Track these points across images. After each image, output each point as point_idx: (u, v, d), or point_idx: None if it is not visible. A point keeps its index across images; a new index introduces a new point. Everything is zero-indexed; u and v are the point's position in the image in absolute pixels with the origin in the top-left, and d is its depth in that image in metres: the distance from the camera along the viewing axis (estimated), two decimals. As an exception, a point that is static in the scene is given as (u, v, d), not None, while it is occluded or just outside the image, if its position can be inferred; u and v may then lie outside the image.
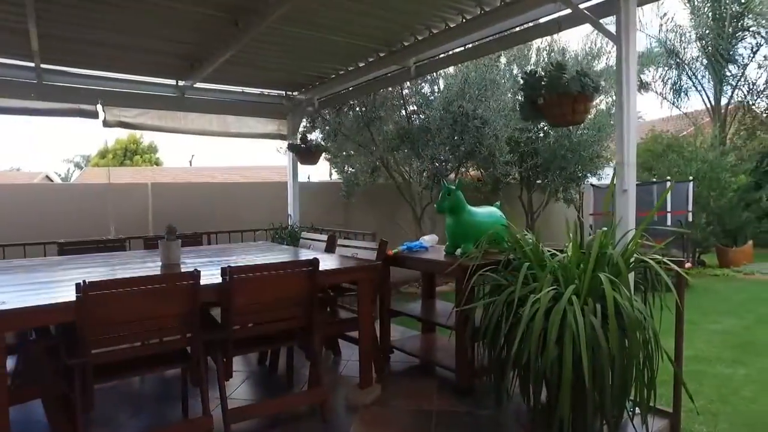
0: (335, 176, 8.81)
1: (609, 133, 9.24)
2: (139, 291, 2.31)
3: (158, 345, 2.45)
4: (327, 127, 7.34)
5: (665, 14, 13.13)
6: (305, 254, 3.75)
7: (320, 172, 11.45)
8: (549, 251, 3.01)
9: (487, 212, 3.43)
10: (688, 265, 7.84)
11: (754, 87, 12.59)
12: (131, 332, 2.32)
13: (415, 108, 6.39)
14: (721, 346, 4.77)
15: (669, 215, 7.45)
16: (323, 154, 7.30)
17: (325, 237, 4.33)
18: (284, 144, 6.58)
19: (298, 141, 6.11)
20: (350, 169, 7.40)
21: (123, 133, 32.88)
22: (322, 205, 7.58)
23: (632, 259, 2.72)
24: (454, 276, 3.08)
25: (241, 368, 3.83)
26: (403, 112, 7.18)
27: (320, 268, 2.78)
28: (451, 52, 4.34)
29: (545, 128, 7.78)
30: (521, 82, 3.11)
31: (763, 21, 12.13)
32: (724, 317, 5.85)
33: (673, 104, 13.77)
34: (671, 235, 7.84)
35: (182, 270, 3.04)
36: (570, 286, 2.56)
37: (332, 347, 4.07)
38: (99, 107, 5.15)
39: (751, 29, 12.34)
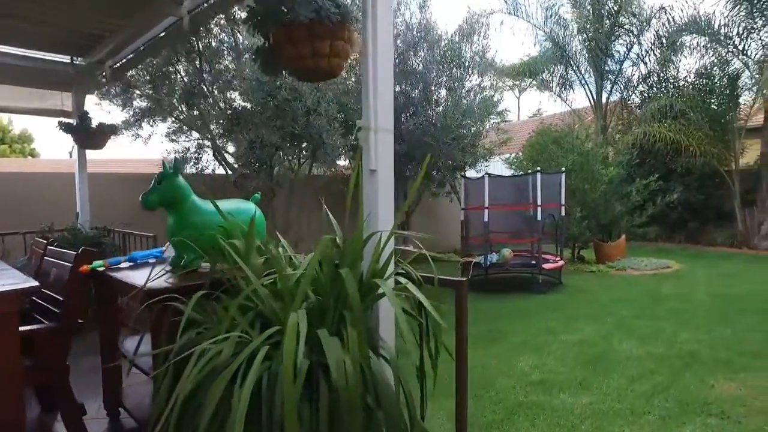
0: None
1: (485, 118, 8.69)
2: None
3: None
4: (144, 104, 5.97)
5: (552, 6, 13.04)
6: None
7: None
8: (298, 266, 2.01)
9: (230, 207, 2.34)
10: (561, 262, 7.38)
11: (629, 83, 12.78)
12: None
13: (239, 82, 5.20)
14: (574, 363, 4.10)
15: (540, 209, 6.90)
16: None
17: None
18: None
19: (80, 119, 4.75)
20: (171, 156, 6.07)
21: (-14, 120, 28.67)
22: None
23: (386, 277, 1.77)
24: (137, 302, 1.98)
25: None
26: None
27: None
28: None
29: (410, 111, 6.95)
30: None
31: (635, 20, 12.33)
32: (586, 323, 5.30)
33: (559, 97, 13.75)
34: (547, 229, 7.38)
35: None
36: (271, 328, 1.56)
37: (42, 400, 2.84)
38: None
39: (625, 27, 12.49)
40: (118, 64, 4.90)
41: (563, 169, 7.68)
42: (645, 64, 12.58)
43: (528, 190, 7.19)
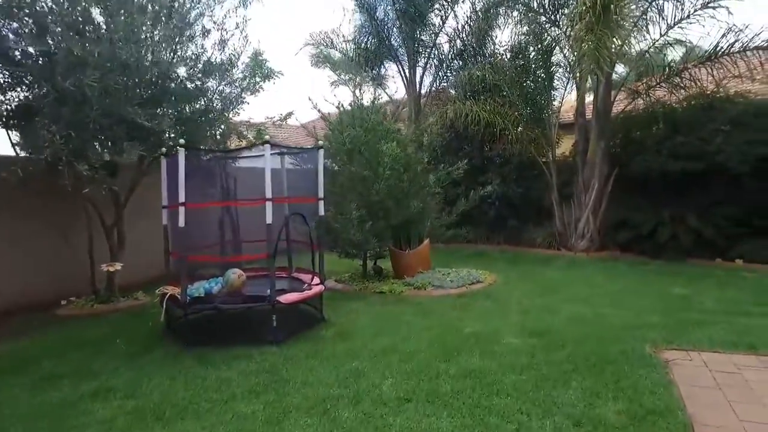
0: None
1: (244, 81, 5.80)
2: None
3: None
4: None
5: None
6: None
7: None
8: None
9: None
10: (319, 287, 4.70)
11: (445, 59, 10.95)
12: None
13: None
14: None
15: (269, 204, 4.10)
16: None
17: None
18: None
19: None
20: None
21: None
22: None
23: None
24: None
25: None
26: None
27: None
28: None
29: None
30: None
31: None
32: (301, 428, 2.60)
33: (366, 74, 11.44)
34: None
35: None
36: None
37: None
38: None
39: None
40: None
41: (321, 142, 5.00)
42: (461, 39, 10.84)
43: (259, 177, 4.35)
